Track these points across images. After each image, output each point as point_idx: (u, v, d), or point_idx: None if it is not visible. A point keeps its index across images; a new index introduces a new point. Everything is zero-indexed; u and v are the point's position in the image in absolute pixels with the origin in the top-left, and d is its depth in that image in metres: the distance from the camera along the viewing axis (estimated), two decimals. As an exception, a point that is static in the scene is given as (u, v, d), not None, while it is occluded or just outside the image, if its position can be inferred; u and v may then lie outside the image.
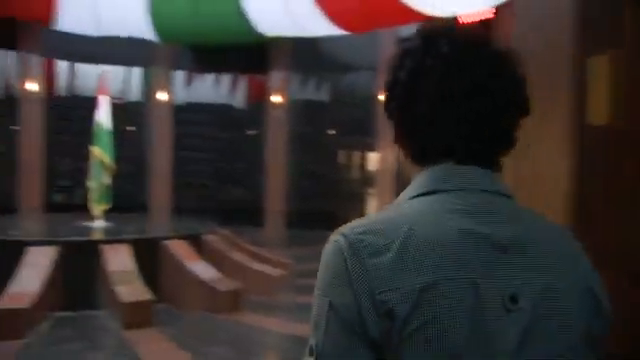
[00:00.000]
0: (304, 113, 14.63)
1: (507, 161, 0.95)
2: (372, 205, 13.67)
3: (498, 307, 0.79)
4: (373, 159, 13.73)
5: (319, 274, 0.90)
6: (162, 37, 12.16)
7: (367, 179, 13.87)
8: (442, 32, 0.97)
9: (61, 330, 5.98)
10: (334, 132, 14.23)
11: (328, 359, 0.81)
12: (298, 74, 14.74)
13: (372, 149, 13.73)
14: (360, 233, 0.84)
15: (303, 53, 14.60)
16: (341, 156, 14.20)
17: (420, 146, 0.94)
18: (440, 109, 0.90)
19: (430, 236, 0.81)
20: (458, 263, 0.80)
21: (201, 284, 6.56)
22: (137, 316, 5.80)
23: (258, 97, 15.14)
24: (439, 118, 0.90)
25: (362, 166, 13.92)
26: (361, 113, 13.91)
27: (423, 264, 0.79)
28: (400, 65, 0.97)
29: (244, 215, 14.31)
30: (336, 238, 0.87)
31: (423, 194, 0.89)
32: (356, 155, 14.01)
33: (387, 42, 13.37)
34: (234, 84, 15.29)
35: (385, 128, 13.98)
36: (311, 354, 0.84)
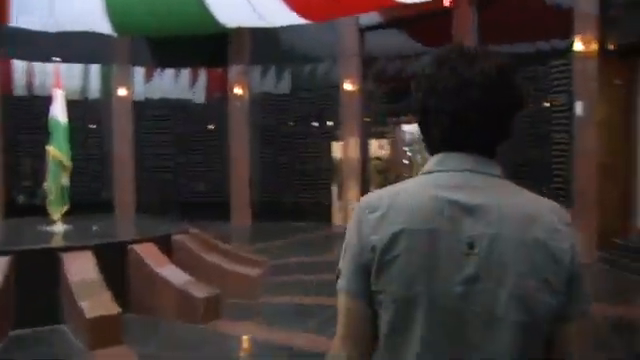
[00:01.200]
0: (266, 105, 13.63)
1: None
2: (340, 193, 12.82)
3: (460, 251, 1.07)
4: (337, 148, 12.88)
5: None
6: (118, 30, 10.96)
7: (332, 169, 13.01)
8: (445, 55, 1.19)
9: (15, 352, 4.91)
10: (297, 123, 13.28)
11: (344, 276, 1.17)
12: (259, 66, 13.72)
13: (336, 139, 12.88)
14: (368, 197, 1.20)
15: (263, 44, 13.57)
16: (305, 147, 13.28)
17: (431, 139, 1.20)
18: (439, 111, 1.15)
19: (408, 201, 1.12)
20: (423, 218, 1.09)
21: (175, 291, 5.57)
22: (104, 333, 4.78)
23: (219, 90, 14.08)
24: (439, 119, 1.16)
25: (326, 156, 13.05)
26: (324, 103, 13.01)
27: (397, 219, 1.11)
28: (418, 82, 1.21)
29: (209, 210, 13.27)
30: (361, 200, 1.20)
31: (425, 173, 1.18)
32: (320, 145, 13.12)
33: (347, 31, 12.54)
34: (194, 78, 14.15)
35: (348, 117, 13.29)
36: (338, 273, 1.19)
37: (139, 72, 13.91)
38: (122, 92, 13.55)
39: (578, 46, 8.17)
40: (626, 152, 7.96)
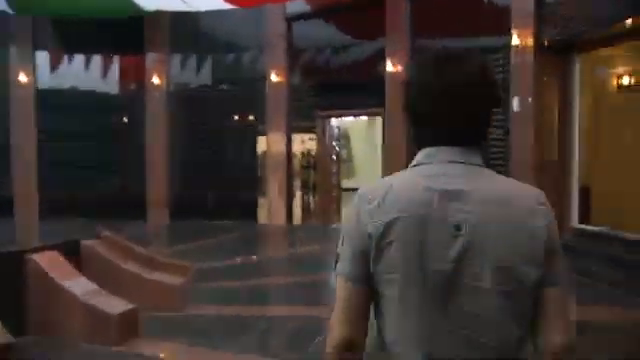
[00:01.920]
0: (186, 96, 12.67)
1: None
2: (264, 189, 12.14)
3: (447, 233, 1.18)
4: (262, 143, 12.18)
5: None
6: (17, 7, 9.71)
7: (256, 164, 12.30)
8: (431, 57, 1.30)
9: None
10: (219, 115, 12.44)
11: (342, 260, 1.26)
12: (178, 54, 12.74)
13: (261, 132, 12.18)
14: (365, 189, 1.28)
15: (183, 30, 12.62)
16: (227, 141, 12.47)
17: (421, 135, 1.31)
18: (428, 111, 1.27)
19: (400, 191, 1.23)
20: (415, 206, 1.19)
21: (85, 307, 4.69)
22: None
23: (134, 79, 12.98)
24: (428, 114, 1.27)
25: (251, 151, 12.31)
26: (248, 95, 12.26)
27: (392, 208, 1.21)
28: (409, 80, 1.31)
29: (123, 208, 12.20)
30: (358, 191, 1.29)
31: (414, 165, 1.29)
32: (244, 139, 12.36)
33: (274, 19, 11.84)
34: (107, 65, 12.96)
35: (274, 110, 12.63)
36: (336, 258, 1.28)
37: (43, 57, 12.57)
38: (23, 78, 12.19)
39: (514, 41, 7.94)
40: (561, 148, 7.82)
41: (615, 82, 8.19)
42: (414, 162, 1.29)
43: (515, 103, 7.94)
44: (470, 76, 1.24)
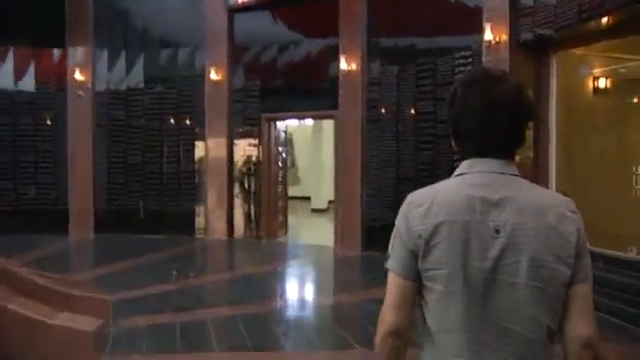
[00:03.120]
0: (114, 96, 11.17)
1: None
2: (202, 199, 10.84)
3: (488, 235, 1.32)
4: (201, 148, 10.88)
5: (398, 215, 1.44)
6: None
7: (195, 170, 10.98)
8: (474, 77, 1.46)
9: None
10: (152, 118, 11.02)
11: (393, 259, 1.40)
12: (105, 49, 11.24)
13: (199, 137, 10.88)
14: (415, 195, 1.42)
15: (110, 22, 11.14)
16: (161, 146, 11.06)
17: (464, 147, 1.44)
18: (472, 122, 1.40)
19: (447, 198, 1.36)
20: (459, 212, 1.33)
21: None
22: None
23: (55, 77, 11.36)
24: (472, 129, 1.40)
25: (188, 157, 10.98)
26: (185, 95, 10.93)
27: (438, 213, 1.34)
28: (453, 96, 1.44)
29: (42, 220, 10.61)
30: (407, 197, 1.43)
31: (458, 175, 1.41)
32: (180, 144, 11.01)
33: (214, 11, 10.58)
34: (23, 60, 11.30)
35: (214, 112, 11.38)
36: (387, 256, 1.42)
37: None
38: None
39: (487, 37, 7.04)
40: (537, 155, 6.98)
41: (591, 84, 7.46)
42: (459, 171, 1.42)
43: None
44: (509, 95, 1.39)
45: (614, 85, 7.41)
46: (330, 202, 14.79)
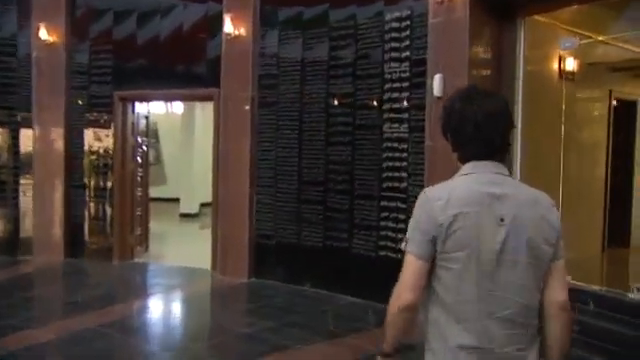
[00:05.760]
0: None
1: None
2: (31, 207, 7.77)
3: (494, 223, 1.59)
4: (27, 139, 7.80)
5: (415, 208, 1.69)
6: None
7: (19, 168, 7.88)
8: (470, 94, 1.72)
9: None
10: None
11: (413, 243, 1.64)
12: None
13: (26, 125, 7.78)
14: (431, 190, 1.68)
15: None
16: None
17: (464, 153, 1.71)
18: (472, 134, 1.66)
19: (462, 193, 1.62)
20: (472, 204, 1.60)
21: None
22: None
23: None
24: (471, 138, 1.67)
25: (9, 150, 7.84)
26: (4, 71, 7.77)
27: (456, 205, 1.60)
28: (450, 110, 1.72)
29: None
30: (422, 193, 1.68)
31: (465, 174, 1.69)
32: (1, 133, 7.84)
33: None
34: None
35: (45, 93, 8.22)
36: (405, 241, 1.66)
37: None
38: None
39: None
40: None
41: (557, 64, 5.69)
42: (465, 172, 1.69)
43: (436, 84, 4.98)
44: (501, 106, 1.69)
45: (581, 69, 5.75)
46: (203, 205, 12.36)
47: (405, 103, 5.50)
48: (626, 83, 6.76)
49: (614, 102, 6.53)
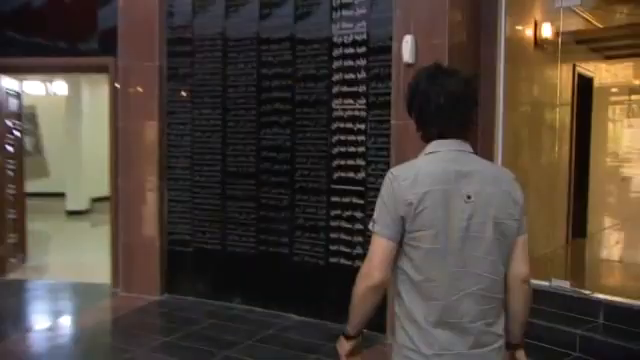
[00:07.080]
0: None
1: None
2: None
3: (461, 200, 1.55)
4: None
5: (381, 188, 1.63)
6: None
7: None
8: (433, 73, 1.67)
9: None
10: None
11: (379, 224, 1.59)
12: None
13: None
14: (397, 170, 1.63)
15: None
16: None
17: (428, 132, 1.65)
18: (435, 112, 1.62)
19: (428, 171, 1.58)
20: (439, 182, 1.56)
21: None
22: None
23: None
24: (435, 117, 1.62)
25: None
26: None
27: (423, 183, 1.55)
28: (415, 90, 1.67)
29: None
30: (389, 173, 1.62)
31: (430, 153, 1.64)
32: None
33: None
34: None
35: None
36: (373, 221, 1.61)
37: None
38: None
39: None
40: (480, 132, 4.10)
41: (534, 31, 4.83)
42: (430, 150, 1.63)
43: (405, 48, 3.91)
44: (462, 85, 1.64)
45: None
46: (95, 200, 10.74)
47: (362, 73, 4.38)
48: (587, 58, 6.13)
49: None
